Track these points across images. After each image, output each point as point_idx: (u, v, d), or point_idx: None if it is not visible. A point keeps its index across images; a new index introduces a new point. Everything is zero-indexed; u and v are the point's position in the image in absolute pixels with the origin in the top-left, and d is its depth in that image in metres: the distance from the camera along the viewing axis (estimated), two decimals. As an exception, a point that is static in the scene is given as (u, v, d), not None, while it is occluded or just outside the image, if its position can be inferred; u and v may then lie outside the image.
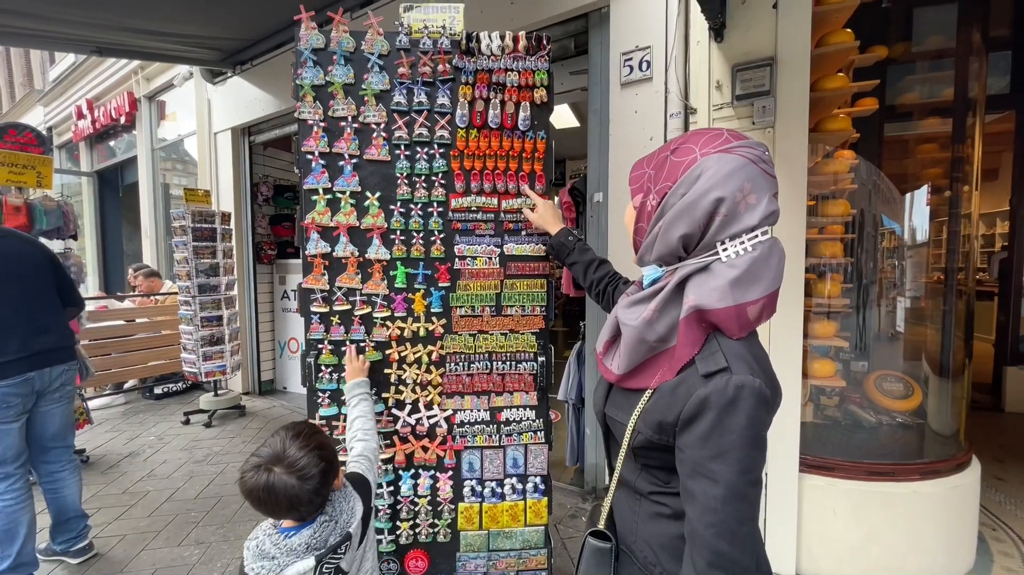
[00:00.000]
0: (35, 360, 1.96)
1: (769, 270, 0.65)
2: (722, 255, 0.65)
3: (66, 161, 8.24)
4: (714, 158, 0.65)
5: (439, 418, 1.50)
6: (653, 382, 0.70)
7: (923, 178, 2.57)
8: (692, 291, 0.66)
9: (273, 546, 0.98)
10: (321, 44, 1.40)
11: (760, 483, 0.63)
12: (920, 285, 2.48)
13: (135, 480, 3.01)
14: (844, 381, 2.25)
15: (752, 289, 0.64)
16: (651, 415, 0.69)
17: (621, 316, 0.75)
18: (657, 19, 2.35)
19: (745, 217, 0.64)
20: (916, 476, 2.07)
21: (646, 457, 0.73)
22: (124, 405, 4.50)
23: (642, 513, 0.76)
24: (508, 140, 1.45)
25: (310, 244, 1.43)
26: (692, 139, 0.69)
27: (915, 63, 2.70)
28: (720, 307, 0.64)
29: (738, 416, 0.60)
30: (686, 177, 0.66)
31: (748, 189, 0.64)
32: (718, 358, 0.64)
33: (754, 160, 0.65)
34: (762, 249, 0.64)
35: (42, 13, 3.05)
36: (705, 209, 0.64)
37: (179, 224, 3.86)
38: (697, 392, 0.63)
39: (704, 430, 0.62)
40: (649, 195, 0.72)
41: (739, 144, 0.66)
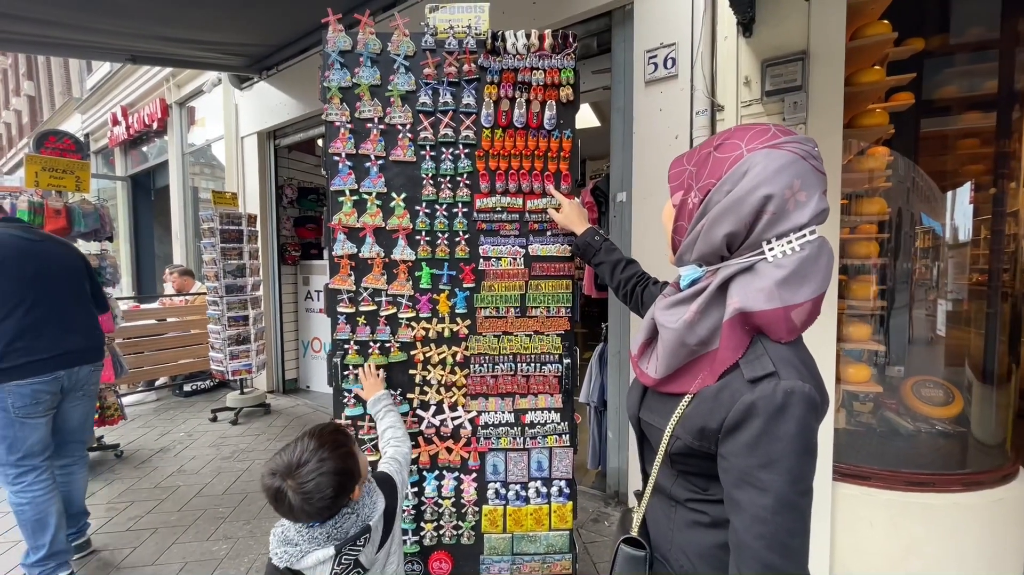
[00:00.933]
0: (65, 359, 2.03)
1: (818, 271, 0.62)
2: (768, 255, 0.62)
3: (102, 166, 8.57)
4: (762, 154, 0.62)
5: (463, 419, 1.49)
6: (693, 387, 0.68)
7: (963, 175, 2.46)
8: (736, 292, 0.64)
9: (296, 534, 1.02)
10: (348, 46, 1.41)
11: (811, 493, 0.60)
12: (962, 287, 2.36)
13: (166, 475, 3.10)
14: (880, 386, 2.16)
15: (800, 291, 0.61)
16: (691, 421, 0.67)
17: (660, 318, 0.73)
18: (683, 15, 2.30)
19: (794, 215, 0.61)
20: (958, 487, 1.97)
21: (684, 463, 0.71)
22: (156, 402, 4.64)
23: (678, 520, 0.73)
24: (533, 139, 1.44)
25: (337, 245, 1.45)
26: (737, 134, 0.66)
27: (954, 55, 2.58)
28: (767, 309, 0.61)
29: (788, 423, 0.58)
30: (732, 173, 0.63)
31: (798, 186, 0.61)
32: (765, 362, 0.61)
33: (804, 156, 0.62)
34: (811, 249, 0.62)
35: (79, 23, 3.17)
36: (752, 206, 0.62)
37: (208, 226, 3.96)
38: (743, 398, 0.60)
39: (751, 437, 0.59)
40: (691, 192, 0.69)
41: (788, 139, 0.63)
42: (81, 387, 2.14)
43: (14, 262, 1.93)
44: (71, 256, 2.20)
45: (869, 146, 2.29)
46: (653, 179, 2.45)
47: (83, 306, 2.20)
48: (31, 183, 2.97)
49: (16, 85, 15.31)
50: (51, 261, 2.07)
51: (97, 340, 2.24)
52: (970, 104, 2.52)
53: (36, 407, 1.94)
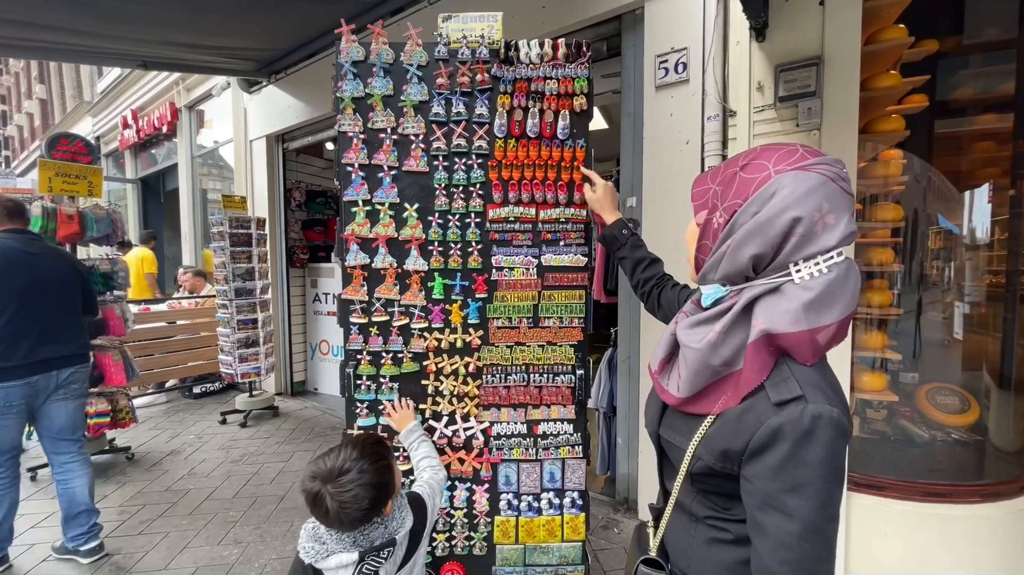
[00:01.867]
0: (39, 366, 2.14)
1: (846, 293, 0.61)
2: (795, 277, 0.62)
3: (112, 169, 8.65)
4: (790, 175, 0.61)
5: (476, 430, 1.49)
6: (716, 407, 0.67)
7: (979, 177, 2.43)
8: (762, 314, 0.63)
9: (326, 532, 1.06)
10: (361, 56, 1.41)
11: (837, 519, 0.60)
12: (980, 290, 2.33)
13: (177, 478, 3.12)
14: (896, 395, 2.13)
15: (827, 313, 0.61)
16: (714, 442, 0.66)
17: (683, 337, 0.72)
18: (694, 19, 2.28)
19: (823, 238, 0.61)
20: (976, 498, 1.94)
21: (705, 483, 0.70)
22: (166, 404, 4.68)
23: (698, 537, 0.73)
24: (547, 149, 1.43)
25: (350, 256, 1.44)
26: (764, 155, 0.65)
27: (968, 56, 2.55)
28: (793, 331, 0.61)
29: (815, 448, 0.57)
30: (759, 195, 0.63)
31: (827, 208, 0.60)
32: (791, 385, 0.60)
33: (832, 178, 0.61)
34: (839, 271, 0.61)
35: (91, 30, 3.20)
36: (780, 229, 0.61)
37: (217, 230, 3.98)
38: (769, 421, 0.60)
39: (777, 462, 0.59)
40: (715, 212, 0.68)
41: (816, 161, 0.62)
42: (64, 388, 2.24)
43: (2, 273, 2.05)
44: (65, 268, 2.32)
45: (883, 150, 2.26)
46: (663, 184, 2.43)
47: (71, 315, 2.32)
48: (44, 188, 3.00)
49: (28, 88, 15.51)
50: (43, 272, 2.19)
51: (81, 347, 2.35)
52: (986, 106, 2.49)
53: (8, 408, 2.06)
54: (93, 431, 3.18)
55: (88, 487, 2.31)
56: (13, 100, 17.86)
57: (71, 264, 2.39)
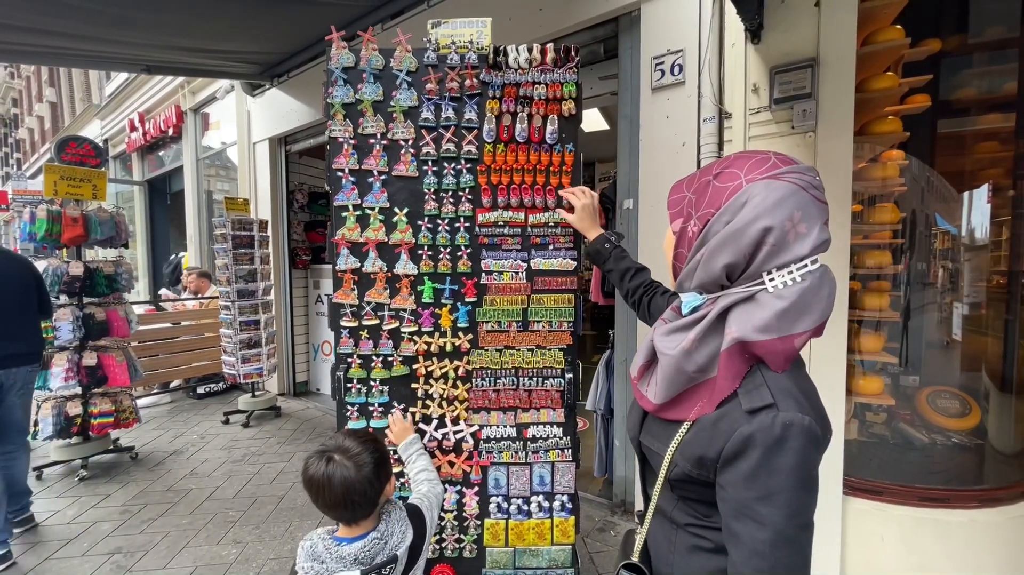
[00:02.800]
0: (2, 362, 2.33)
1: (819, 301, 0.61)
2: (768, 285, 0.62)
3: (120, 171, 8.76)
4: (761, 185, 0.61)
5: (465, 433, 1.50)
6: (692, 414, 0.67)
7: (981, 177, 2.40)
8: (735, 322, 0.63)
9: (325, 550, 1.03)
10: (351, 63, 1.42)
11: (811, 527, 0.60)
12: (979, 291, 2.30)
13: (179, 478, 3.16)
14: (894, 399, 2.12)
15: (800, 321, 0.61)
16: (690, 449, 0.66)
17: (658, 344, 0.72)
18: (690, 22, 2.28)
19: (795, 247, 0.61)
20: (974, 503, 1.92)
21: (684, 489, 0.71)
22: (170, 404, 4.73)
23: (679, 544, 0.73)
24: (536, 154, 1.43)
25: (340, 260, 1.46)
26: (737, 163, 0.65)
27: (972, 56, 2.52)
28: (765, 339, 0.61)
29: (786, 456, 0.57)
30: (731, 204, 0.63)
31: (798, 218, 0.60)
32: (763, 393, 0.61)
33: (804, 187, 0.61)
34: (812, 279, 0.61)
35: (95, 36, 3.25)
36: (752, 238, 0.61)
37: (220, 232, 4.03)
38: (740, 429, 0.60)
39: (749, 470, 0.59)
40: (690, 221, 0.69)
41: (788, 170, 0.62)
42: (20, 386, 2.44)
43: None
44: (21, 271, 2.50)
45: (883, 151, 2.24)
46: (660, 186, 2.43)
47: (27, 315, 2.51)
48: (50, 192, 3.05)
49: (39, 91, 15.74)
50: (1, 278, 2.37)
51: (37, 346, 2.57)
52: (990, 105, 2.46)
53: None
54: (97, 430, 3.23)
55: (26, 471, 2.57)
56: (25, 104, 18.15)
57: (25, 266, 2.55)
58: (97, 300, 3.24)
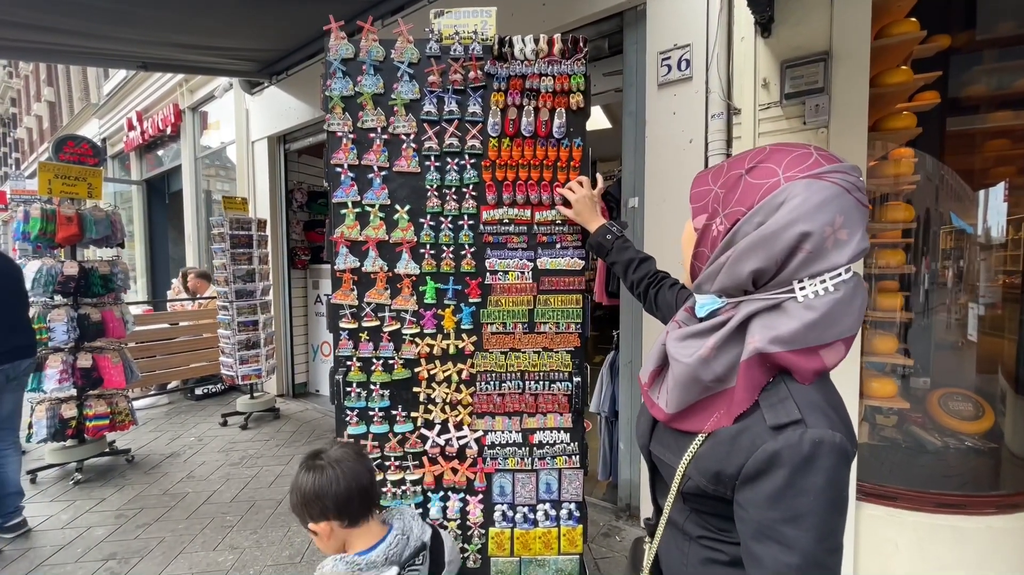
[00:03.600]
0: (10, 354, 2.36)
1: (851, 314, 0.56)
2: (799, 294, 0.56)
3: (118, 170, 8.70)
4: (802, 184, 0.55)
5: (469, 439, 1.44)
6: (707, 426, 0.62)
7: (992, 175, 2.35)
8: (758, 331, 0.58)
9: (350, 566, 0.99)
10: (351, 54, 1.37)
11: (840, 551, 0.55)
12: (995, 291, 2.25)
13: (175, 481, 3.10)
14: (907, 402, 2.06)
15: (828, 333, 0.56)
16: (705, 463, 0.61)
17: (672, 350, 0.67)
18: (697, 15, 2.22)
19: (833, 255, 0.55)
20: (991, 510, 1.87)
21: (697, 503, 0.66)
22: (168, 405, 4.68)
23: (692, 556, 0.69)
24: (542, 149, 1.38)
25: (339, 259, 1.40)
26: (773, 157, 0.59)
27: (982, 52, 2.47)
28: (790, 352, 0.56)
29: (815, 476, 0.52)
30: (765, 203, 0.57)
31: (840, 223, 0.54)
32: (789, 407, 0.55)
33: (849, 188, 0.55)
34: (845, 290, 0.56)
35: (90, 32, 3.19)
36: (786, 243, 0.55)
37: (218, 231, 3.97)
38: (764, 445, 0.55)
39: (774, 490, 0.54)
40: (716, 218, 0.63)
41: (832, 168, 0.56)
42: (18, 378, 2.45)
43: None
44: (11, 266, 2.50)
45: (894, 148, 2.19)
46: (666, 184, 2.37)
47: (22, 309, 2.53)
48: (44, 191, 3.00)
49: (37, 91, 15.69)
50: None
51: (34, 339, 2.60)
52: (1000, 102, 2.41)
53: None
54: (92, 433, 3.17)
55: (19, 471, 2.52)
56: (23, 103, 18.09)
57: (13, 264, 2.55)
58: (93, 301, 3.18)
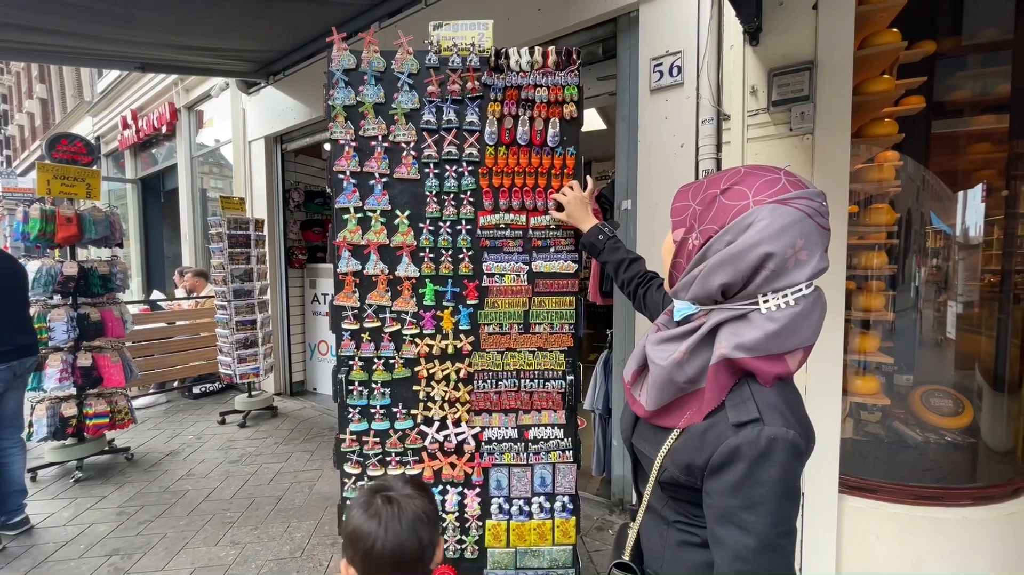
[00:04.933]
0: (17, 352, 2.42)
1: (809, 325, 0.63)
2: (762, 307, 0.63)
3: (112, 169, 8.67)
4: (768, 209, 0.62)
5: (467, 435, 1.50)
6: (681, 422, 0.70)
7: (975, 178, 2.43)
8: (724, 339, 0.65)
9: None
10: (352, 65, 1.42)
11: (794, 534, 0.63)
12: (973, 290, 2.33)
13: (175, 479, 3.14)
14: (889, 399, 2.14)
15: (788, 342, 0.63)
16: (679, 455, 0.69)
17: (651, 353, 0.74)
18: (688, 23, 2.28)
19: (793, 273, 0.62)
20: (968, 501, 1.95)
21: (672, 491, 0.73)
22: (166, 404, 4.70)
23: (669, 539, 0.76)
24: (537, 157, 1.44)
25: (342, 262, 1.45)
26: (747, 180, 0.66)
27: (966, 57, 2.55)
28: (752, 358, 0.63)
29: (770, 469, 0.60)
30: (735, 224, 0.63)
31: (800, 245, 0.61)
32: (750, 407, 0.63)
33: (811, 214, 0.62)
34: (805, 304, 0.62)
35: (88, 33, 3.21)
36: (751, 262, 0.62)
37: (216, 231, 4.00)
38: (728, 441, 0.62)
39: (734, 480, 0.61)
40: (692, 232, 0.69)
41: (797, 195, 0.62)
42: (23, 376, 2.52)
43: None
44: (15, 264, 2.54)
45: (879, 151, 2.26)
46: (658, 187, 2.44)
47: (25, 308, 2.59)
48: (43, 191, 3.02)
49: (29, 88, 15.53)
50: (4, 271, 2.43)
51: (35, 338, 2.64)
52: (984, 107, 2.48)
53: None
54: (92, 431, 3.20)
55: (23, 468, 2.58)
56: (14, 100, 17.90)
57: (17, 264, 2.58)
58: (92, 300, 3.21)
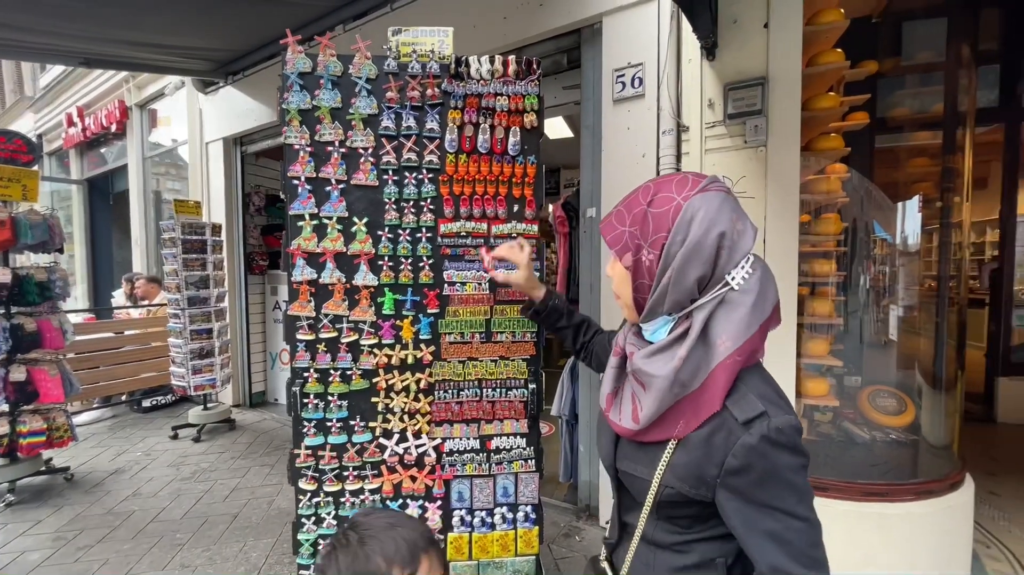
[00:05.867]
0: None
1: (771, 282, 0.68)
2: (733, 284, 0.67)
3: (56, 168, 8.15)
4: (698, 199, 0.67)
5: (427, 447, 1.47)
6: (675, 432, 0.68)
7: (914, 190, 2.59)
8: (722, 330, 0.66)
9: None
10: (308, 68, 1.38)
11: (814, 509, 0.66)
12: (913, 294, 2.48)
13: (120, 499, 2.95)
14: (838, 400, 2.24)
15: (767, 305, 0.67)
16: (684, 468, 0.67)
17: (645, 368, 0.70)
18: (649, 36, 2.34)
19: (740, 243, 0.67)
20: (911, 496, 2.05)
21: (671, 510, 0.71)
22: (112, 419, 4.42)
23: (659, 566, 0.73)
24: (498, 165, 1.43)
25: (296, 271, 1.41)
26: (663, 188, 0.69)
27: (905, 77, 2.73)
28: (754, 333, 0.66)
29: (786, 455, 0.62)
30: (679, 222, 0.66)
31: (735, 218, 0.67)
32: (752, 402, 0.64)
33: (726, 192, 0.68)
34: (760, 267, 0.68)
35: (31, 26, 3.01)
36: (712, 246, 0.66)
37: (169, 236, 3.81)
38: (741, 439, 0.62)
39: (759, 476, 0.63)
40: (641, 251, 0.70)
41: (708, 182, 0.68)
42: None
43: None
44: None
45: (828, 163, 2.38)
46: (622, 196, 2.47)
47: None
48: (-28, 192, 2.80)
49: (-38, 80, 14.43)
50: None
51: None
52: (921, 123, 2.66)
53: None
54: (27, 451, 2.98)
55: None
56: (-54, 92, 16.59)
57: None
58: (28, 310, 2.99)
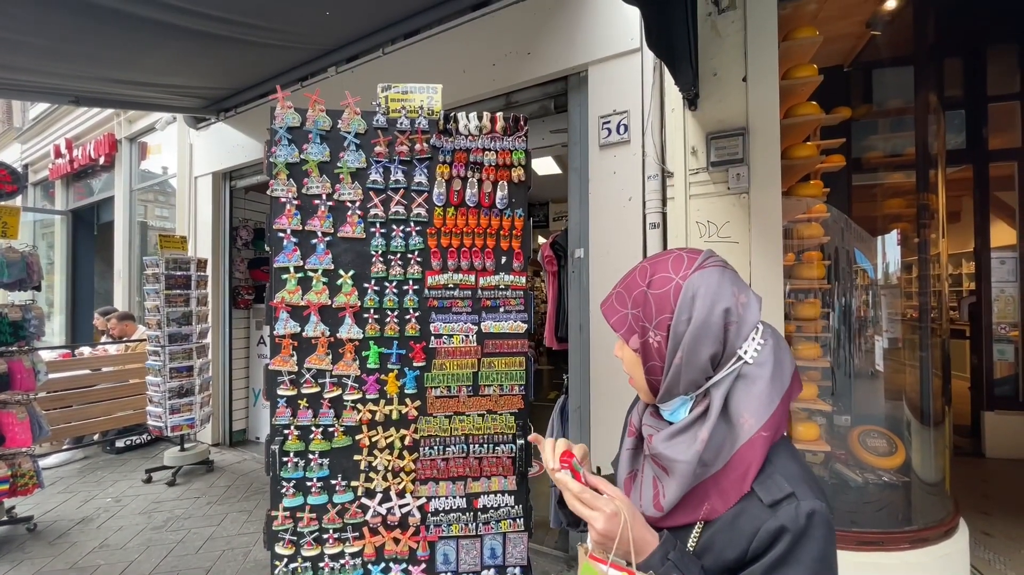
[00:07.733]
0: None
1: (786, 350, 0.67)
2: (747, 358, 0.65)
3: (40, 199, 8.06)
4: (696, 276, 0.66)
5: (412, 507, 1.42)
6: (700, 514, 0.66)
7: (892, 226, 2.67)
8: (744, 408, 0.64)
9: None
10: (297, 123, 1.39)
11: None
12: (896, 328, 2.51)
13: (84, 552, 2.78)
14: (829, 445, 2.22)
15: (786, 374, 0.65)
16: (713, 553, 0.64)
17: (666, 452, 0.68)
18: (634, 85, 2.42)
19: (747, 316, 0.66)
20: (906, 545, 2.02)
21: None
22: (83, 461, 4.23)
23: None
24: (486, 218, 1.44)
25: (279, 324, 1.38)
26: (660, 268, 0.69)
27: (878, 122, 2.87)
28: (776, 407, 0.63)
29: (813, 546, 0.58)
30: (681, 302, 0.66)
31: (737, 291, 0.66)
32: (779, 483, 0.61)
33: (723, 266, 0.68)
34: (771, 336, 0.66)
35: (23, 65, 3.02)
36: (719, 323, 0.65)
37: (152, 271, 3.74)
38: (767, 524, 0.60)
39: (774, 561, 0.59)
40: (648, 333, 0.70)
41: (704, 258, 0.68)
42: None
43: None
44: None
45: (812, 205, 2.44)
46: (609, 237, 2.51)
47: None
48: (-52, 230, 2.74)
49: (-50, 108, 14.38)
50: None
51: None
52: (896, 165, 2.78)
53: None
54: (-13, 501, 2.81)
55: None
56: (-68, 120, 16.50)
57: None
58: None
